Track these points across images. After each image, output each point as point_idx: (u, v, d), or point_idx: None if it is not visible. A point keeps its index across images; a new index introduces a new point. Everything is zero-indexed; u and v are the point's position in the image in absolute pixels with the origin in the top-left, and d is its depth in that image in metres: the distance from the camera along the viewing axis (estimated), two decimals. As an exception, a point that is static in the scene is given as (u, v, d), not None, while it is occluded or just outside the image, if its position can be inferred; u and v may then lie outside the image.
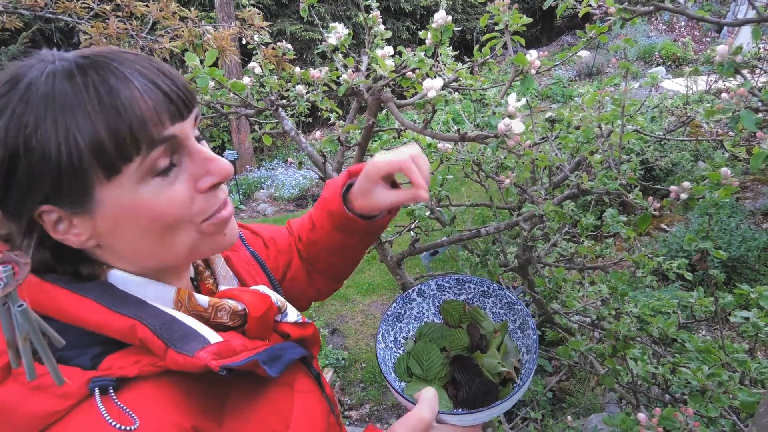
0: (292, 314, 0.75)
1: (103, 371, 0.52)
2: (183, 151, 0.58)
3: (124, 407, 0.50)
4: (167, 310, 0.58)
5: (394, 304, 0.94)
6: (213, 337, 0.57)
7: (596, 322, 1.75)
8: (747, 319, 1.37)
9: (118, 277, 0.59)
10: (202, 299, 0.63)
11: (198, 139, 0.60)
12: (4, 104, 0.51)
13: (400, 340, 0.94)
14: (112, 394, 0.51)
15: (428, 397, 0.77)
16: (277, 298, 0.72)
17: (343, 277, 1.02)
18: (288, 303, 0.76)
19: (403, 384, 0.88)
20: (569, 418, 2.02)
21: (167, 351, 0.53)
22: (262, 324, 0.67)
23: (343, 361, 3.92)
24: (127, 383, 0.53)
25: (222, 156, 0.68)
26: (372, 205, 0.84)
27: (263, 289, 0.73)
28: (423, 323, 0.97)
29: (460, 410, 0.85)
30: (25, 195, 0.52)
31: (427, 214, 1.72)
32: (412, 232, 1.87)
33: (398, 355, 0.93)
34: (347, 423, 3.39)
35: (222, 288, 0.73)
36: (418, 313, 0.98)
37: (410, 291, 0.96)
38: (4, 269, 0.45)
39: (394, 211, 0.90)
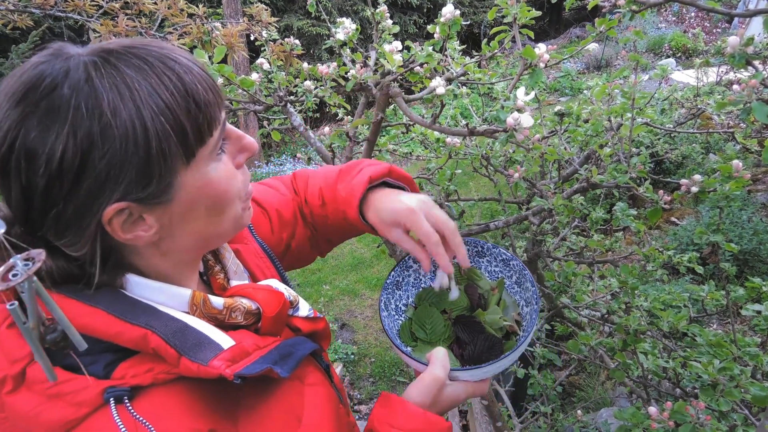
0: (304, 308, 0.75)
1: (116, 380, 0.52)
2: (224, 133, 0.61)
3: (141, 418, 0.51)
4: (179, 316, 0.57)
5: (393, 273, 0.94)
6: (225, 341, 0.57)
7: (606, 316, 1.75)
8: (759, 312, 1.36)
9: (134, 282, 0.58)
10: (217, 302, 0.62)
11: None
12: (54, 103, 0.49)
13: (400, 308, 0.95)
14: (128, 404, 0.51)
15: (440, 357, 0.77)
16: (289, 293, 0.72)
17: (340, 242, 1.02)
18: (300, 297, 0.76)
19: (409, 349, 0.89)
20: (579, 412, 2.02)
21: (180, 359, 0.53)
22: (276, 322, 0.67)
23: (353, 356, 3.93)
24: (141, 391, 0.53)
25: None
26: (383, 232, 0.84)
27: (275, 284, 0.72)
28: (421, 289, 0.98)
29: (470, 366, 0.86)
30: (96, 195, 0.51)
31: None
32: (420, 227, 1.87)
33: (401, 322, 0.94)
34: (357, 418, 3.41)
35: (233, 283, 0.72)
36: (415, 279, 0.98)
37: (406, 258, 0.96)
38: (25, 265, 0.45)
39: None
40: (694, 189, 1.08)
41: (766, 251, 3.37)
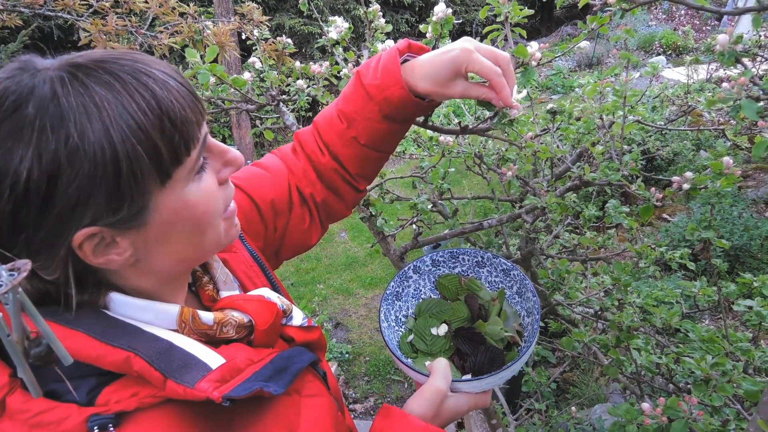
0: (298, 317, 0.73)
1: (100, 407, 0.50)
2: (206, 148, 0.58)
3: None
4: (165, 336, 0.55)
5: (392, 283, 0.94)
6: (214, 360, 0.55)
7: (599, 313, 1.75)
8: (750, 308, 1.37)
9: (117, 301, 0.56)
10: (207, 317, 0.60)
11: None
12: (17, 123, 0.46)
13: (400, 319, 0.95)
14: (112, 431, 0.49)
15: (441, 368, 0.76)
16: (282, 301, 0.70)
17: (374, 175, 0.96)
18: (293, 305, 0.74)
19: (409, 360, 0.88)
20: (573, 408, 2.03)
21: (166, 382, 0.50)
22: (269, 334, 0.65)
23: (347, 355, 3.93)
24: (126, 417, 0.50)
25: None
26: (442, 93, 0.79)
27: (267, 293, 0.70)
28: (421, 300, 0.97)
29: (472, 377, 0.85)
30: (66, 220, 0.48)
31: (430, 207, 1.72)
32: (414, 226, 1.88)
33: (400, 333, 0.93)
34: (352, 416, 3.41)
35: (223, 294, 0.70)
36: (415, 290, 0.98)
37: (406, 269, 0.96)
38: (10, 275, 0.43)
39: None
40: (686, 186, 1.08)
41: (757, 247, 3.40)
